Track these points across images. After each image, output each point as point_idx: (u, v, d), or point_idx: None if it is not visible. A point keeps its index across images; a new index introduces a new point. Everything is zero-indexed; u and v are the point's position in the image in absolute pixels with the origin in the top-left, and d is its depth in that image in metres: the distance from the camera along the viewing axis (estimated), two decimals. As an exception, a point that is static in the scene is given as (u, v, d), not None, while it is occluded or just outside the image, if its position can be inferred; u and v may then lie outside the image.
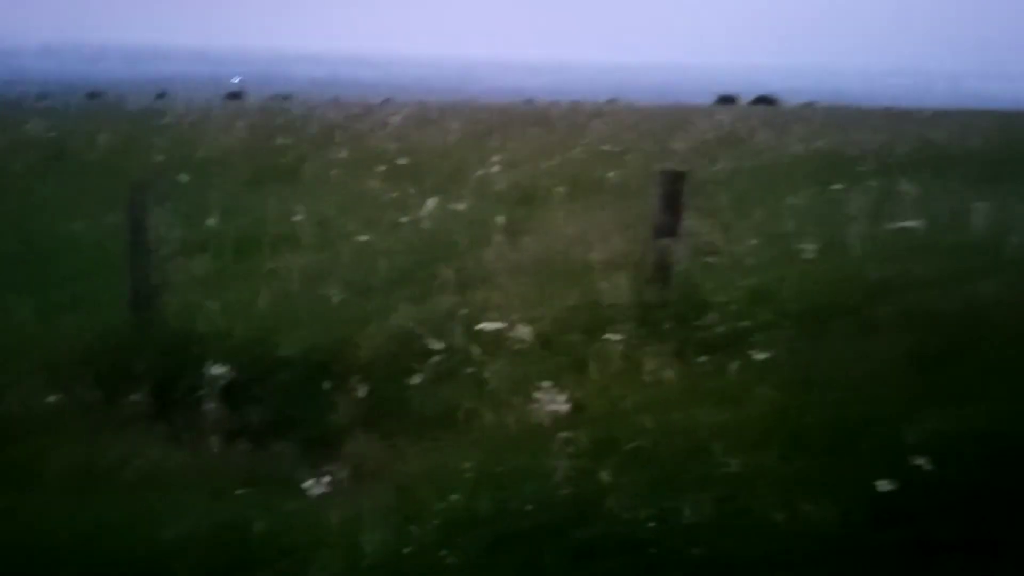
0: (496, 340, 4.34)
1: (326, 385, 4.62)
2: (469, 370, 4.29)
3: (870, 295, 4.57)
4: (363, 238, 6.39)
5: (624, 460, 3.52)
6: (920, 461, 3.47)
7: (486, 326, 4.35)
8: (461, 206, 7.46)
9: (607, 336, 4.43)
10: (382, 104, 23.31)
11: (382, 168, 9.60)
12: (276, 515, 3.28)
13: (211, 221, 7.24)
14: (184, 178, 8.91)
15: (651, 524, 3.27)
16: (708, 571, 3.19)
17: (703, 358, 4.16)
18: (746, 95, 41.16)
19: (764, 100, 35.52)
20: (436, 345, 4.69)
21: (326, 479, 3.70)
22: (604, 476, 3.40)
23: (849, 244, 5.43)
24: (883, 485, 3.40)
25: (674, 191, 5.37)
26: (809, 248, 5.40)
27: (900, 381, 3.91)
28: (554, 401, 3.51)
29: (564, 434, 3.45)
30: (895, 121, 18.65)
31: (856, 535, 3.36)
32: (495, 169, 9.54)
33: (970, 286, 4.52)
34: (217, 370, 3.97)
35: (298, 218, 7.07)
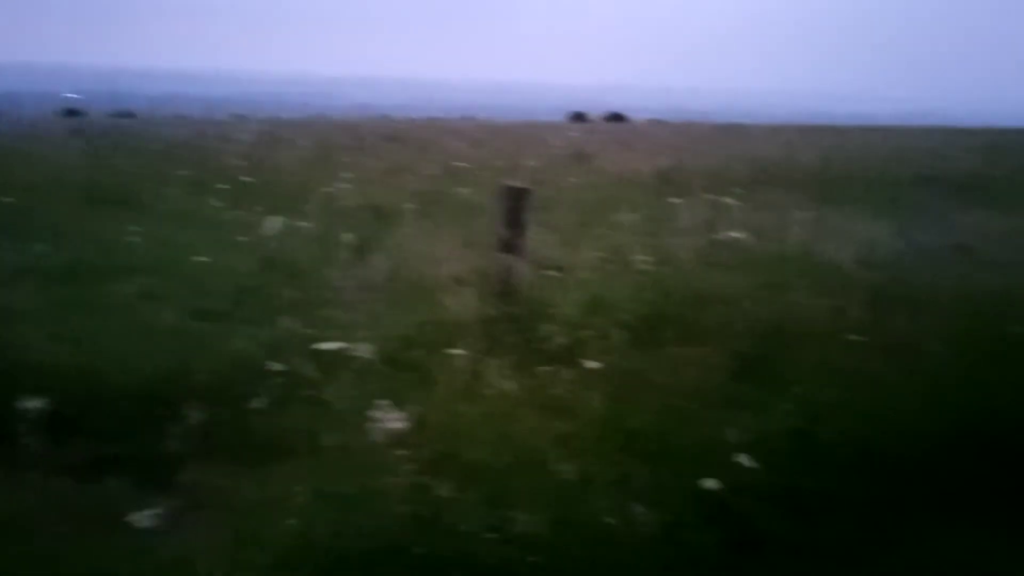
0: (337, 360, 4.29)
1: (159, 414, 4.42)
2: (309, 392, 4.22)
3: (696, 303, 4.80)
4: (201, 259, 6.17)
5: (463, 474, 3.54)
6: (742, 459, 3.66)
7: (326, 346, 4.29)
8: (306, 224, 7.32)
9: (450, 351, 4.46)
10: (231, 121, 22.65)
11: (225, 187, 9.30)
12: (97, 553, 3.13)
13: (38, 246, 6.82)
14: (9, 200, 8.36)
15: (489, 536, 3.32)
16: (543, 578, 3.26)
17: (542, 369, 4.25)
18: (598, 112, 42.41)
19: (615, 117, 36.66)
20: (277, 367, 4.58)
21: (156, 512, 3.54)
22: (443, 491, 3.42)
23: (681, 256, 5.68)
24: (709, 484, 3.57)
25: (516, 207, 5.47)
26: (645, 260, 5.61)
27: (723, 384, 4.12)
28: (391, 419, 3.49)
29: (401, 451, 3.45)
30: (735, 137, 19.65)
31: (684, 534, 3.51)
32: (344, 186, 9.43)
33: (785, 294, 4.81)
34: (33, 403, 3.73)
35: (133, 240, 6.76)
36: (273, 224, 7.20)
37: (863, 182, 9.40)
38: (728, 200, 7.85)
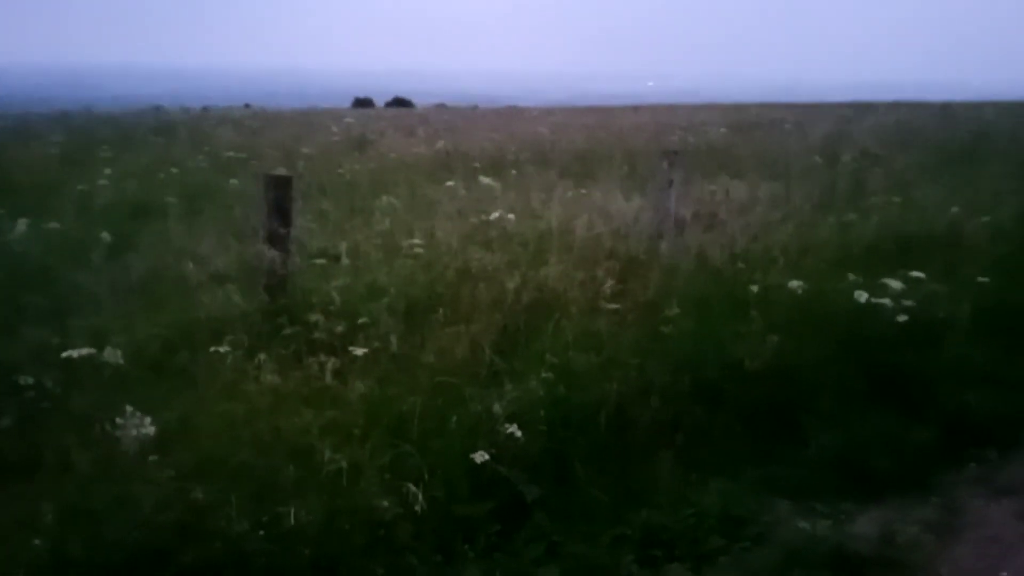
0: (86, 368, 4.04)
1: None
2: (57, 405, 3.95)
3: (464, 283, 4.92)
4: (-71, 271, 5.60)
5: (228, 474, 3.46)
6: (509, 429, 3.81)
7: (73, 353, 4.02)
8: (58, 225, 6.81)
9: (212, 349, 4.31)
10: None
11: (-37, 189, 8.47)
12: None
13: None
14: None
15: (259, 533, 3.27)
16: (317, 569, 3.26)
17: (310, 360, 4.20)
18: (383, 98, 42.20)
19: (399, 103, 36.68)
20: (25, 381, 4.26)
21: None
22: (207, 494, 3.32)
23: (451, 238, 5.79)
24: (479, 456, 3.70)
25: (280, 196, 5.35)
26: (415, 243, 5.67)
27: (489, 359, 4.26)
28: (142, 425, 3.34)
29: (154, 458, 3.31)
30: (514, 120, 20.18)
31: (456, 508, 3.62)
32: (103, 183, 8.83)
33: (548, 269, 5.04)
34: None
35: None
36: (20, 226, 6.63)
37: (623, 159, 9.95)
38: (499, 182, 8.06)
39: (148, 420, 3.41)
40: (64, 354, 4.06)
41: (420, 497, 3.49)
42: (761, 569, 3.42)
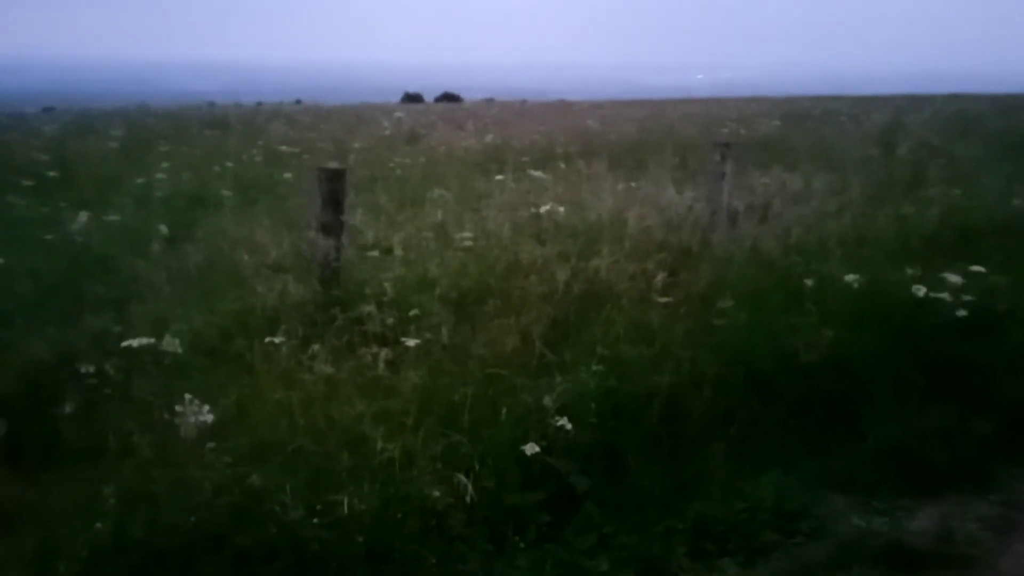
0: (146, 355, 4.14)
1: (-45, 428, 4.13)
2: (118, 392, 4.05)
3: (515, 275, 4.93)
4: (-1, 261, 5.76)
5: (283, 461, 3.52)
6: (559, 421, 3.81)
7: (134, 342, 4.12)
8: (118, 217, 6.97)
9: (270, 339, 4.38)
10: (39, 114, 21.13)
11: (29, 182, 8.70)
12: None
13: None
14: None
15: (313, 521, 3.32)
16: (371, 557, 3.30)
17: (363, 350, 4.24)
18: (433, 93, 42.44)
19: (448, 97, 36.86)
20: (85, 369, 4.37)
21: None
22: (263, 480, 3.38)
23: (502, 230, 5.79)
24: (530, 448, 3.71)
25: (334, 188, 5.41)
26: (466, 236, 5.69)
27: (539, 351, 4.26)
28: (199, 412, 3.41)
29: (212, 444, 3.38)
30: (560, 113, 20.13)
31: (507, 498, 3.63)
32: (160, 176, 9.02)
33: (598, 261, 5.02)
34: None
35: (-80, 245, 6.22)
36: (82, 219, 6.81)
37: (674, 151, 9.85)
38: (549, 175, 8.05)
39: (206, 407, 3.48)
40: (124, 343, 4.16)
41: (471, 487, 3.51)
42: (816, 564, 3.38)
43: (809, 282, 5.12)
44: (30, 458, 4.05)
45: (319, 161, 9.87)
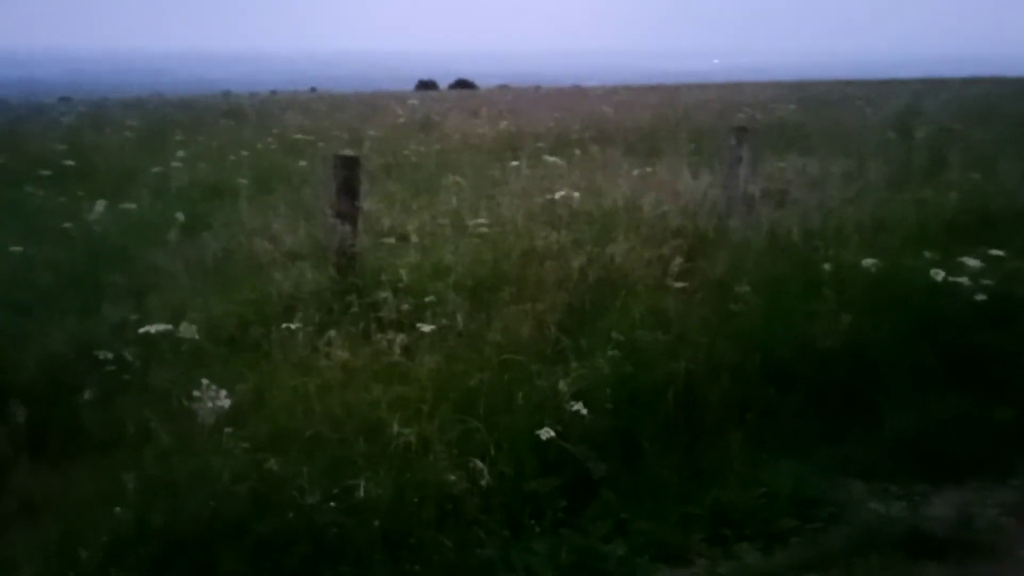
0: (164, 343, 4.16)
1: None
2: (137, 379, 4.08)
3: (530, 261, 4.92)
4: (18, 249, 5.81)
5: (301, 447, 3.53)
6: (575, 407, 3.81)
7: (151, 329, 4.15)
8: (134, 206, 7.00)
9: (287, 325, 4.40)
10: (56, 104, 21.23)
11: (47, 172, 8.75)
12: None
13: None
14: None
15: (331, 505, 3.33)
16: (387, 542, 3.31)
17: (379, 336, 4.25)
18: (447, 80, 42.33)
19: (462, 84, 36.78)
20: (105, 356, 4.40)
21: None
22: (280, 466, 3.39)
23: (516, 216, 5.78)
24: (545, 433, 3.70)
25: (349, 176, 5.41)
26: (481, 223, 5.68)
27: (555, 337, 4.26)
28: (216, 398, 3.43)
29: (230, 430, 3.40)
30: (575, 99, 20.05)
31: (524, 484, 3.63)
32: (176, 165, 9.05)
33: (613, 247, 5.00)
34: None
35: (-62, 234, 6.27)
36: (99, 208, 6.85)
37: (690, 137, 9.79)
38: (564, 161, 8.02)
39: (223, 393, 3.49)
40: (142, 330, 4.19)
41: (487, 472, 3.52)
42: (834, 550, 3.36)
43: (827, 267, 5.08)
44: (52, 447, 4.08)
45: (334, 149, 9.87)
